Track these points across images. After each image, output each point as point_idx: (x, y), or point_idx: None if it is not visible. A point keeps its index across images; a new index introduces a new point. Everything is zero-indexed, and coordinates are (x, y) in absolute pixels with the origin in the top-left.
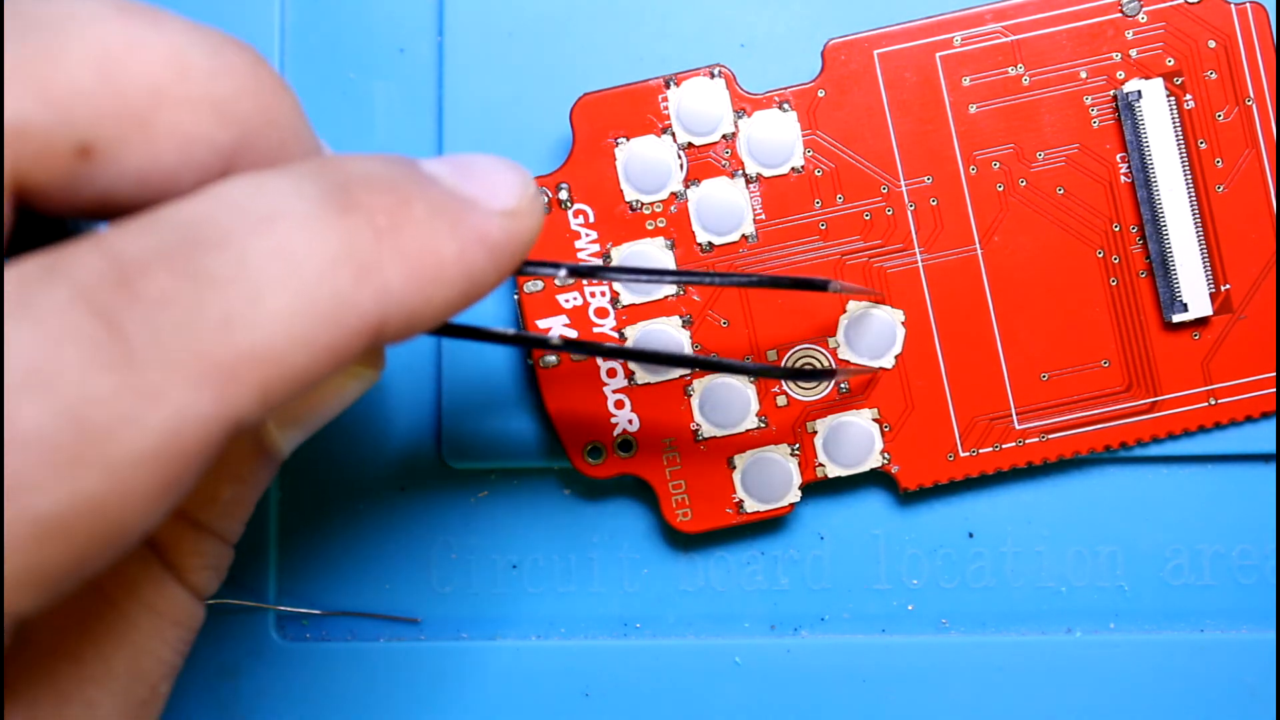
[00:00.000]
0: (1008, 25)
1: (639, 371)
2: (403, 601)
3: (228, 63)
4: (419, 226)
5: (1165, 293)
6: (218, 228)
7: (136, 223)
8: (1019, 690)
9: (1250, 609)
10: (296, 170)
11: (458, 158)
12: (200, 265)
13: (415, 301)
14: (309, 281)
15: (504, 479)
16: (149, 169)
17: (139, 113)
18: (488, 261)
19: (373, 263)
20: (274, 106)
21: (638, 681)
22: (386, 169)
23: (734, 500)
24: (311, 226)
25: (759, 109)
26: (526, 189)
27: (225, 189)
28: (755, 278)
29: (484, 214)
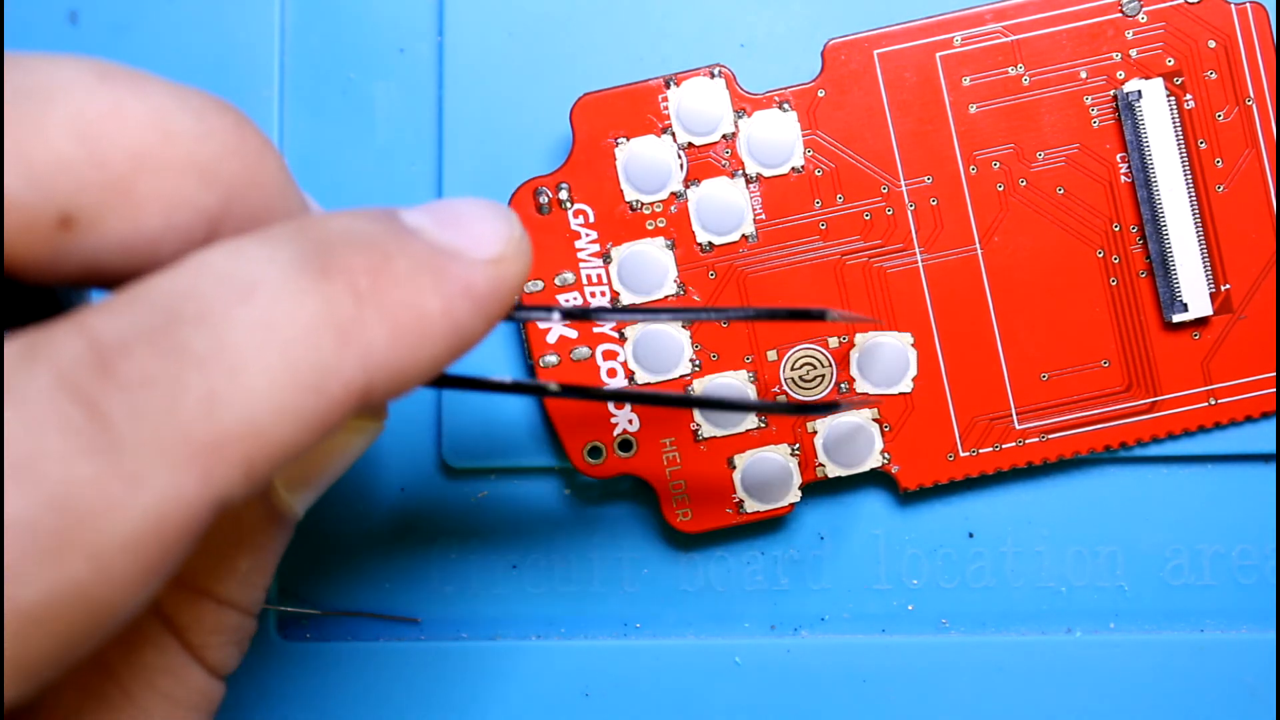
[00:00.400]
0: (1008, 25)
1: (639, 371)
2: (403, 601)
3: (211, 126)
4: (401, 284)
5: (1165, 293)
6: (196, 302)
7: (116, 302)
8: (1019, 690)
9: (1250, 609)
10: (275, 235)
11: (439, 205)
12: (180, 343)
13: (401, 361)
14: (289, 351)
15: (504, 479)
16: (133, 236)
17: (122, 181)
18: (474, 313)
19: (354, 326)
20: (258, 167)
21: (638, 681)
22: (366, 226)
23: (734, 500)
24: (290, 293)
25: (759, 109)
26: (511, 233)
27: (203, 259)
28: (752, 311)
29: (468, 264)
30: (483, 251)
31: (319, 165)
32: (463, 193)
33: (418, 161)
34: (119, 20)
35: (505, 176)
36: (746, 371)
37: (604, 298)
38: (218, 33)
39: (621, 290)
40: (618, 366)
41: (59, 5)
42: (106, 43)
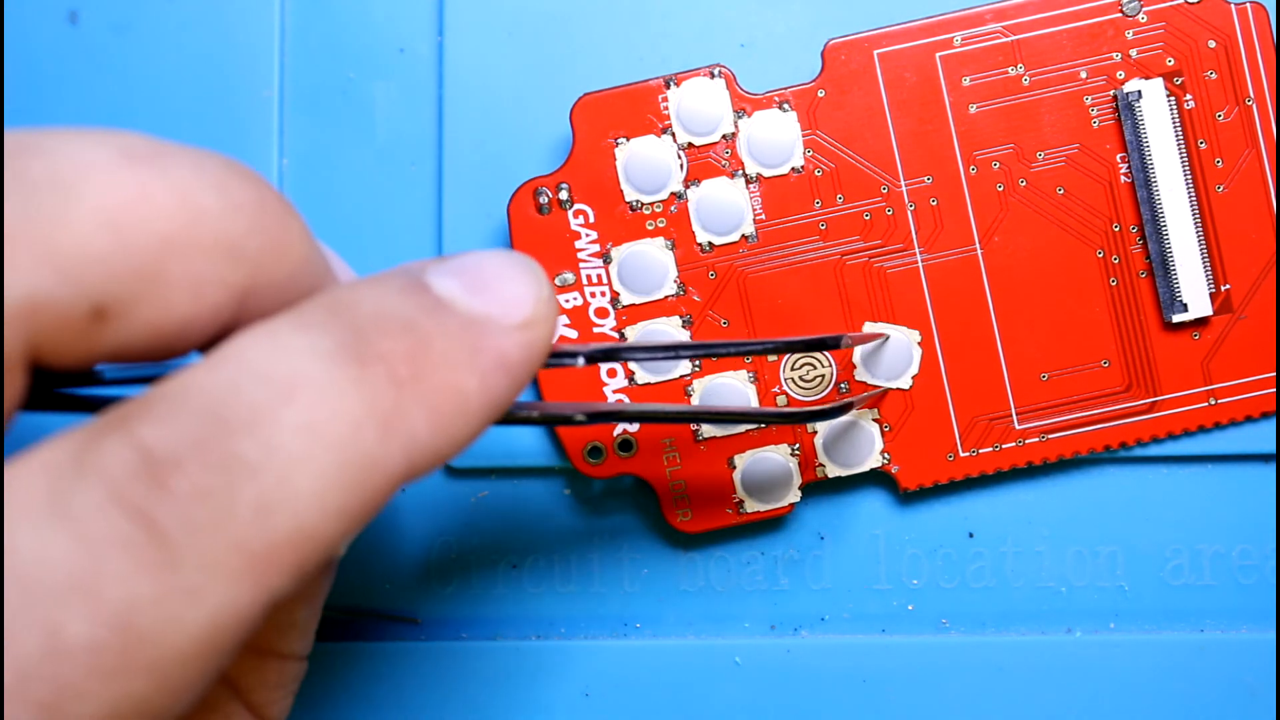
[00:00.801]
0: (1008, 25)
1: (639, 371)
2: (403, 601)
3: (236, 201)
4: (439, 368)
5: (1165, 293)
6: (242, 406)
7: (159, 406)
8: (1019, 690)
9: (1250, 609)
10: (309, 320)
11: (466, 265)
12: (230, 452)
13: (442, 443)
14: (336, 450)
15: (504, 479)
16: (164, 320)
17: (152, 267)
18: (509, 384)
19: (396, 415)
20: (283, 238)
21: (638, 681)
22: (399, 304)
23: (734, 500)
24: (332, 389)
25: (759, 109)
26: (540, 292)
27: (242, 353)
28: (771, 344)
29: (501, 333)
30: (514, 317)
31: (319, 165)
32: (463, 193)
33: (418, 161)
34: (119, 20)
35: (505, 176)
36: (746, 372)
37: (604, 298)
38: (218, 33)
39: (621, 290)
40: (617, 367)
41: (59, 5)
42: (106, 43)
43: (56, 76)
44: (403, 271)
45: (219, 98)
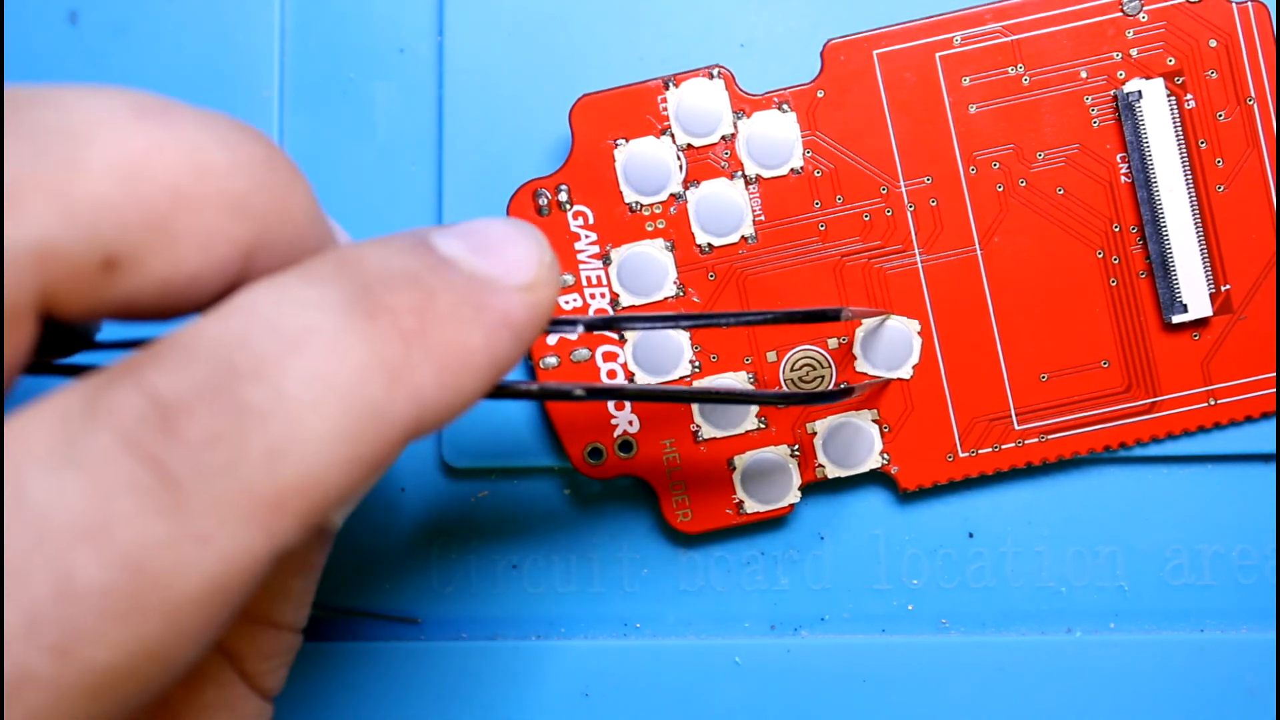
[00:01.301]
0: (1008, 25)
1: (639, 372)
2: (403, 601)
3: (243, 157)
4: (445, 322)
5: (1165, 293)
6: (251, 354)
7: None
8: (1019, 690)
9: (1250, 609)
10: (317, 274)
11: (471, 229)
12: (240, 399)
13: (448, 398)
14: (344, 399)
15: (504, 479)
16: (172, 273)
17: (161, 219)
18: (513, 343)
19: (403, 368)
20: (289, 197)
21: (638, 681)
22: (405, 261)
23: (734, 500)
24: (340, 339)
25: (758, 109)
26: (543, 256)
27: (251, 304)
28: (770, 315)
29: (505, 293)
30: (518, 278)
31: (319, 165)
32: (463, 193)
33: (418, 161)
34: (119, 20)
35: (505, 177)
36: (746, 372)
37: (604, 299)
38: (218, 33)
39: (621, 292)
40: (618, 368)
41: (59, 5)
42: (106, 43)
43: (56, 76)
44: (408, 233)
45: (219, 98)
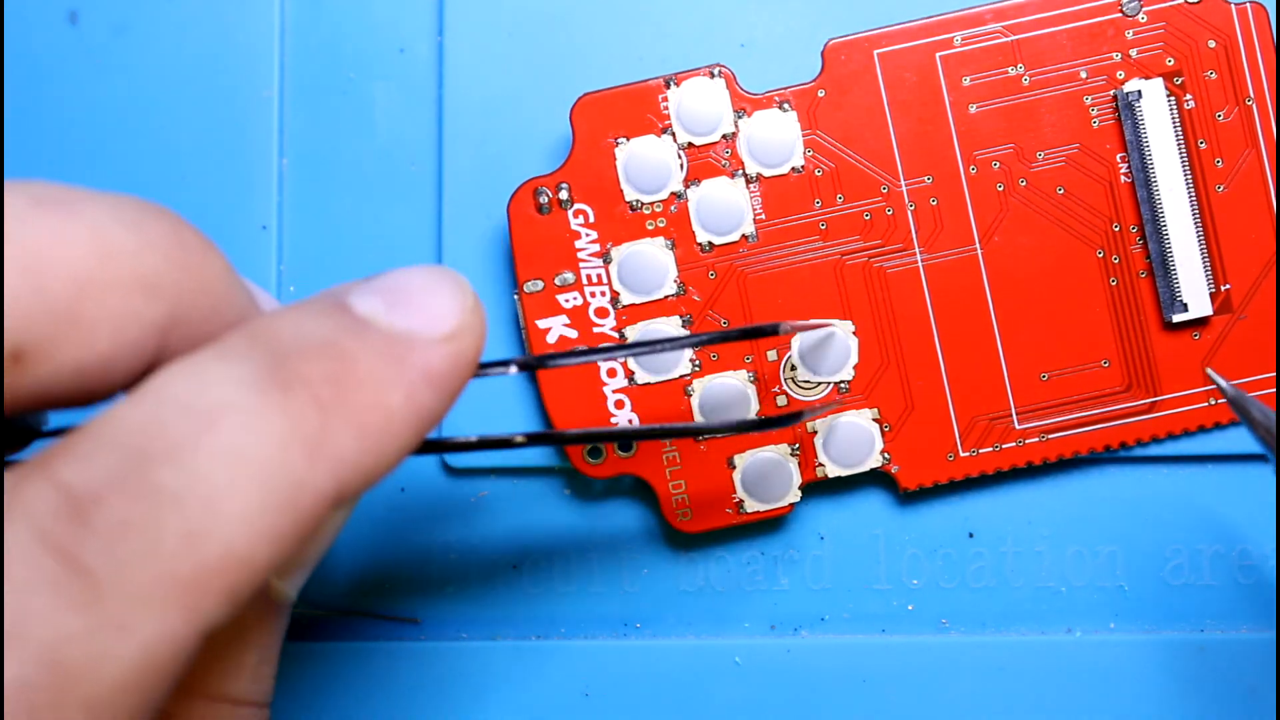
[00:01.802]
0: (1008, 25)
1: (639, 371)
2: (403, 601)
3: (150, 237)
4: (362, 386)
5: (1165, 293)
6: (163, 436)
7: (81, 444)
8: (1019, 690)
9: (1250, 609)
10: (231, 349)
11: (388, 284)
12: (152, 484)
13: (371, 461)
14: (262, 475)
15: (504, 479)
16: (85, 359)
17: (69, 308)
18: (437, 396)
19: (322, 437)
20: (202, 272)
21: (638, 681)
22: (320, 327)
23: (734, 500)
24: (255, 415)
25: (759, 109)
26: (464, 302)
27: (163, 386)
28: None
29: (425, 347)
30: (438, 329)
31: (319, 165)
32: (463, 193)
33: (418, 161)
34: (119, 20)
35: (505, 176)
36: (746, 372)
37: (604, 298)
38: (218, 33)
39: (621, 290)
40: (618, 367)
41: (59, 5)
42: (106, 43)
43: (56, 76)
44: (326, 295)
45: (219, 98)
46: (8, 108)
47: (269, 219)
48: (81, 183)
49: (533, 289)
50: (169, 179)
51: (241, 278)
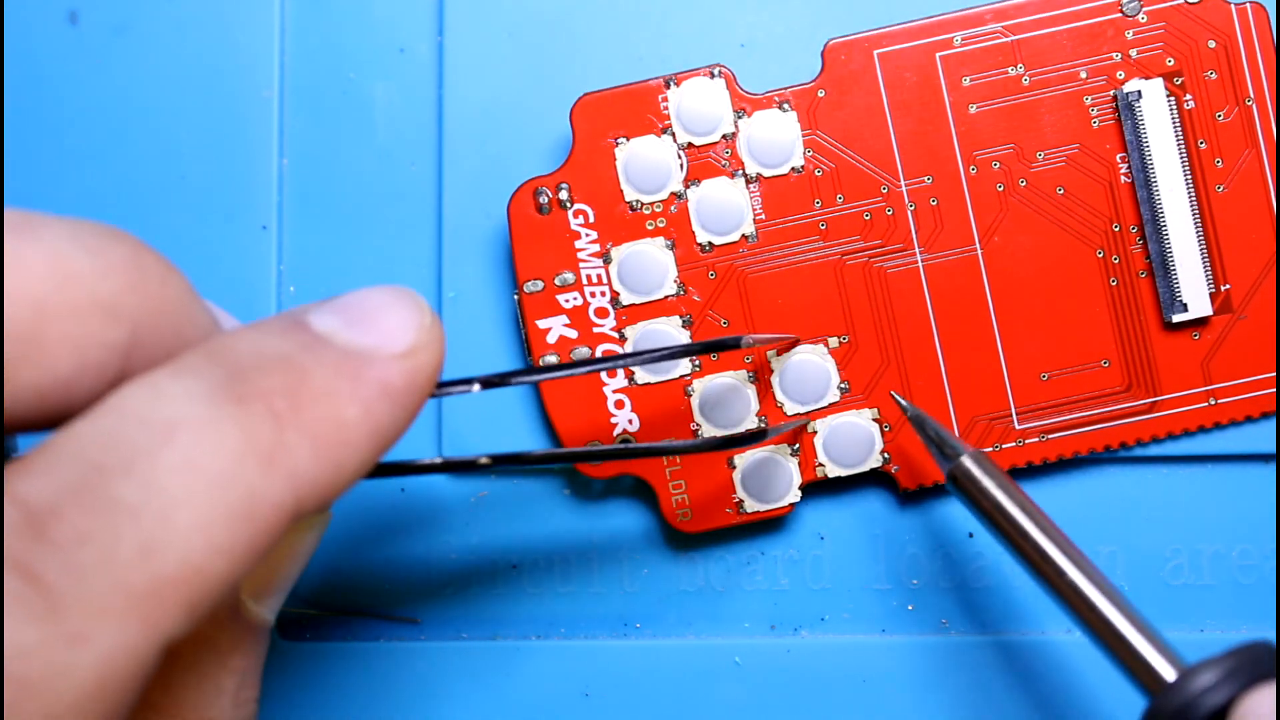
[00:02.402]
0: (1008, 25)
1: (639, 371)
2: (403, 601)
3: (109, 260)
4: (318, 399)
5: (1165, 293)
6: (119, 450)
7: (38, 460)
8: (1019, 690)
9: (1250, 609)
10: (188, 365)
11: (347, 302)
12: (108, 496)
13: (327, 473)
14: (217, 486)
15: (504, 479)
16: (46, 382)
17: (28, 331)
18: (394, 411)
19: (277, 449)
20: (161, 294)
21: (638, 681)
22: (276, 342)
23: (734, 500)
24: (210, 427)
25: (759, 109)
26: (422, 320)
27: (120, 402)
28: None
29: (383, 363)
30: (395, 346)
31: (319, 165)
32: (463, 193)
33: (418, 161)
34: (119, 20)
35: (505, 176)
36: (746, 372)
37: (604, 298)
38: (218, 33)
39: (621, 290)
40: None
41: (59, 5)
42: (106, 43)
43: (56, 76)
44: (285, 314)
45: (219, 98)
46: (8, 108)
47: (269, 219)
48: (82, 182)
49: (533, 289)
50: (169, 179)
51: (203, 300)
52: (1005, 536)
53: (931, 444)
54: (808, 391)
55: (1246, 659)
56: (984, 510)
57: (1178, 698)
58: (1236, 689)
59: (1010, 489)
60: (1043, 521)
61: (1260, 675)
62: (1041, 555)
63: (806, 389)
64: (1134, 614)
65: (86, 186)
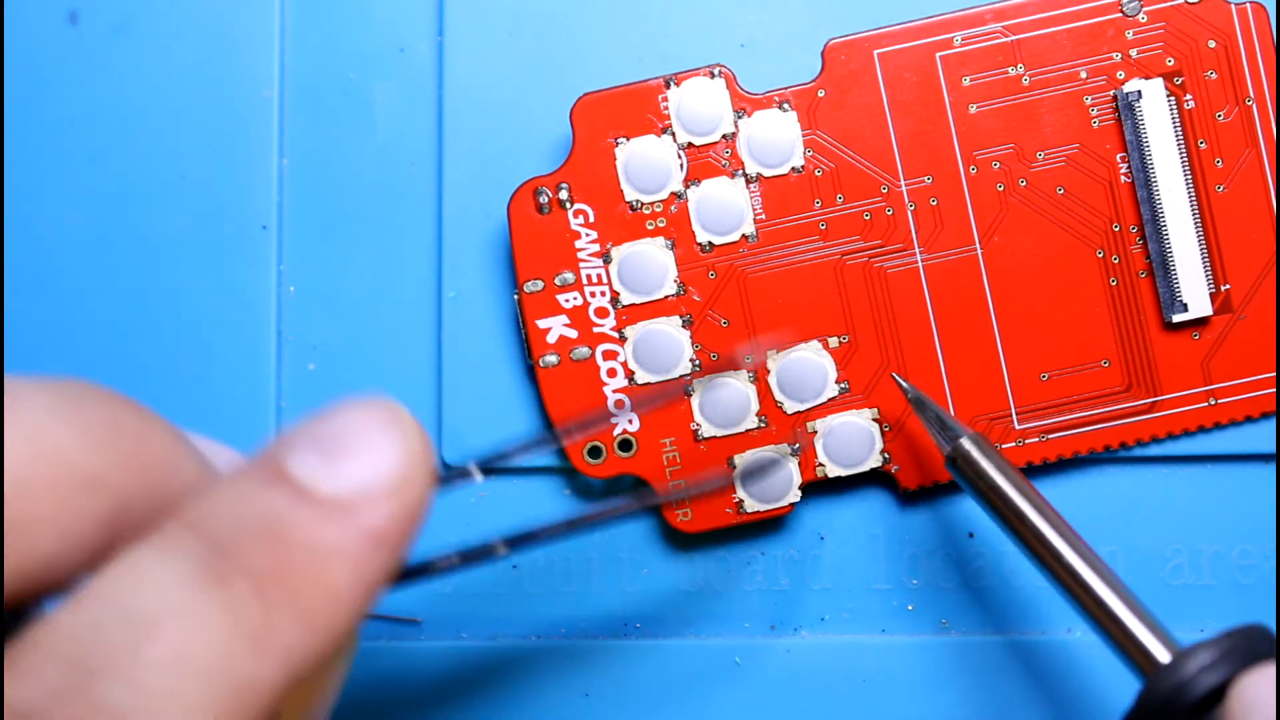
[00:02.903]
0: (1008, 25)
1: (639, 372)
2: (403, 602)
3: (88, 429)
4: (304, 568)
5: (1165, 293)
6: (103, 647)
7: (23, 662)
8: (1018, 690)
9: (1250, 609)
10: (169, 545)
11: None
12: (95, 700)
13: (320, 642)
14: (208, 679)
15: (504, 479)
16: (29, 562)
17: (10, 512)
18: (384, 557)
19: (265, 629)
20: (145, 455)
21: (638, 681)
22: (257, 505)
23: (734, 500)
24: (196, 615)
25: (759, 109)
26: (408, 446)
27: (101, 590)
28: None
29: (369, 509)
30: (382, 484)
31: (319, 165)
32: (463, 193)
33: (418, 161)
34: (119, 20)
35: (505, 176)
36: (746, 372)
37: (604, 298)
38: (218, 33)
39: (621, 290)
40: (618, 367)
41: (59, 5)
42: (106, 43)
43: (56, 76)
44: (265, 459)
45: (219, 98)
46: (8, 108)
47: (269, 219)
48: (82, 182)
49: (533, 289)
50: (169, 179)
51: (188, 439)
52: (1003, 519)
53: (932, 426)
54: (805, 389)
55: (1242, 640)
56: (982, 492)
57: (1172, 678)
58: (1233, 670)
59: (1010, 472)
60: (1041, 505)
61: (1257, 656)
62: (1039, 538)
63: (804, 386)
64: (1131, 598)
65: (86, 186)
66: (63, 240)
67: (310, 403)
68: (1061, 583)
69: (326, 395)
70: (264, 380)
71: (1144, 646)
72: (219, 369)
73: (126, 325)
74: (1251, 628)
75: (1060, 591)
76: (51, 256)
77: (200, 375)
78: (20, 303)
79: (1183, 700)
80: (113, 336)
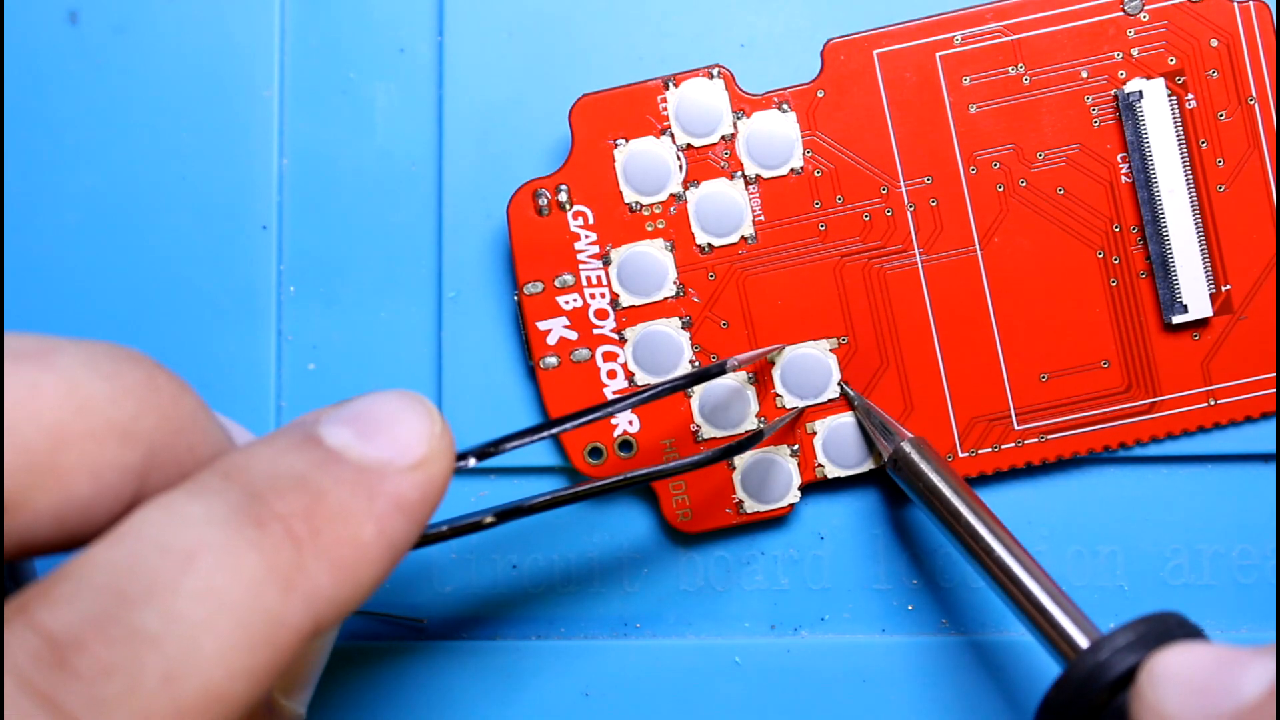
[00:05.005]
0: (1008, 25)
1: (639, 373)
2: (404, 602)
3: (124, 384)
4: (335, 520)
5: (1165, 293)
6: (141, 578)
7: (60, 587)
8: (1018, 690)
9: (1250, 609)
10: (205, 487)
11: (358, 412)
12: (132, 626)
13: (345, 593)
14: (239, 613)
15: (504, 479)
16: (64, 508)
17: (45, 459)
18: (408, 525)
19: (297, 572)
20: (176, 415)
21: (638, 681)
22: (292, 462)
23: (734, 500)
24: (230, 553)
25: (758, 109)
26: (433, 429)
27: (140, 527)
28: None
29: (396, 477)
30: (408, 457)
31: (319, 165)
32: (463, 193)
33: (418, 161)
34: (119, 20)
35: (505, 177)
36: (746, 373)
37: (604, 299)
38: (218, 33)
39: (621, 292)
40: (618, 368)
41: (59, 5)
42: (106, 43)
43: (56, 76)
44: (297, 426)
45: (219, 98)
46: (8, 108)
47: (269, 219)
48: (82, 182)
49: (533, 290)
50: (169, 179)
51: (215, 413)
52: (939, 518)
53: (876, 430)
54: (808, 386)
55: (1158, 624)
56: (920, 493)
57: (1090, 660)
58: (1146, 651)
59: (947, 475)
60: (976, 506)
61: (1169, 638)
62: (972, 535)
63: (807, 383)
64: (1057, 590)
65: (86, 186)
66: (63, 240)
67: (310, 403)
68: (992, 577)
69: (326, 395)
70: (264, 380)
71: (1067, 634)
72: (219, 369)
73: (126, 325)
74: (1167, 614)
75: (991, 585)
76: (51, 256)
77: (200, 375)
78: (20, 302)
79: (1098, 681)
80: (113, 336)
